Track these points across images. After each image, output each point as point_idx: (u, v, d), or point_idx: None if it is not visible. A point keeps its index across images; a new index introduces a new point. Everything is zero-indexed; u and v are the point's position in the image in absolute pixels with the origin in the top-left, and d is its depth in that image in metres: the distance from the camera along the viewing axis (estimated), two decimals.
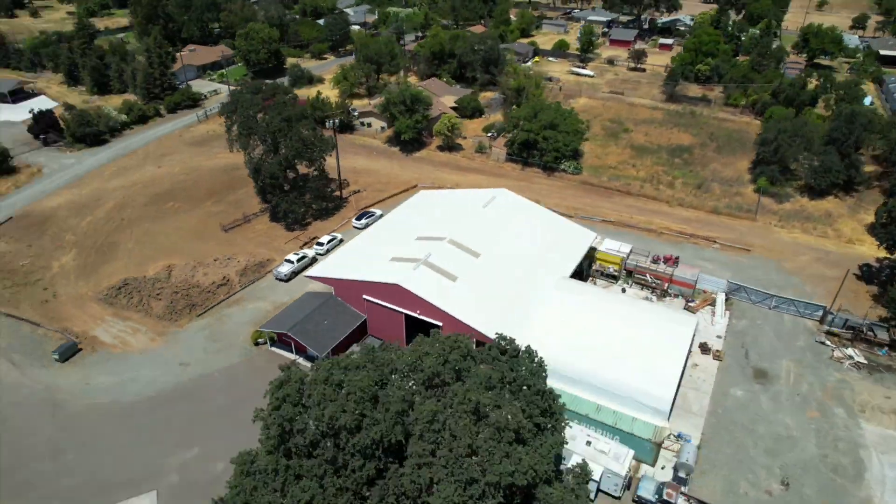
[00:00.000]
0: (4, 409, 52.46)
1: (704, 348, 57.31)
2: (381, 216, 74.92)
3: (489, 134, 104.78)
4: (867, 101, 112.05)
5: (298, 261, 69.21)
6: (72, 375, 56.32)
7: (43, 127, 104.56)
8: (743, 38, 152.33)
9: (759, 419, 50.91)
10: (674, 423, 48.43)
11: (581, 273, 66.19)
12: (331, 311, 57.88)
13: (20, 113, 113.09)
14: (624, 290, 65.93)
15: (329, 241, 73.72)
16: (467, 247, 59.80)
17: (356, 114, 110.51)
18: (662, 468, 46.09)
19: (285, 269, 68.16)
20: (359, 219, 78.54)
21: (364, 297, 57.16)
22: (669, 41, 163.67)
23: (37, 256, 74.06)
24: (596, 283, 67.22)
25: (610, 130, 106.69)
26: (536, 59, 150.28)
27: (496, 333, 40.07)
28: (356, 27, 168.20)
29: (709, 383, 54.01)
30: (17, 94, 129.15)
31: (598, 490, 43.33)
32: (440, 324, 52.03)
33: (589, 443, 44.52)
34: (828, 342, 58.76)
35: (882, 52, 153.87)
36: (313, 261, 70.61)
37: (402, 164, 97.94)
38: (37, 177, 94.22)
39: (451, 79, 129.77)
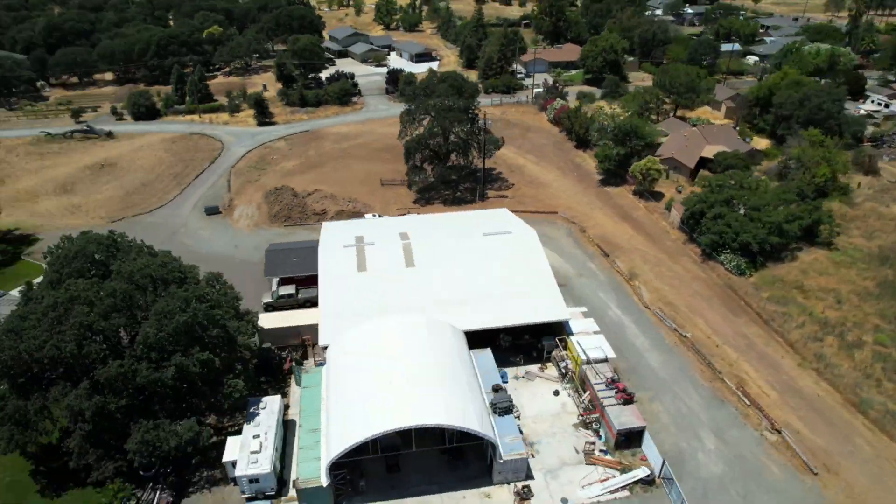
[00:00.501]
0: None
1: None
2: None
3: (677, 189, 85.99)
4: None
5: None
6: (203, 221, 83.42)
7: (390, 81, 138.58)
8: None
9: None
10: None
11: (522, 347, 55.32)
12: (306, 256, 66.51)
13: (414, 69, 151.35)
14: (556, 393, 51.84)
15: None
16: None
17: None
18: None
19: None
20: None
21: None
22: None
23: (284, 157, 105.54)
24: (526, 371, 54.15)
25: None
26: None
27: None
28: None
29: None
30: (422, 56, 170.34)
31: None
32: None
33: None
34: None
35: None
36: None
37: (578, 189, 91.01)
38: (353, 111, 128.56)
39: (746, 128, 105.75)
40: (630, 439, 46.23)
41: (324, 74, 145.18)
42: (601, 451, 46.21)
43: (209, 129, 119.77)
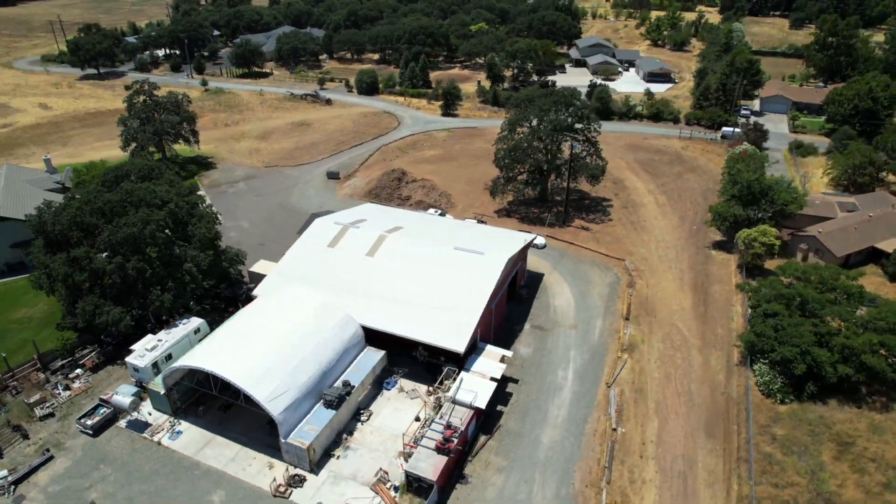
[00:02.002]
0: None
1: None
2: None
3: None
4: None
5: None
6: (321, 182, 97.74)
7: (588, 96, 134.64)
8: None
9: None
10: None
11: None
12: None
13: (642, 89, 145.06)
14: (418, 419, 49.47)
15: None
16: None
17: None
18: None
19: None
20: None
21: None
22: None
23: (432, 146, 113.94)
24: (414, 388, 51.73)
25: None
26: None
27: None
28: None
29: None
30: (656, 76, 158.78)
31: None
32: None
33: None
34: None
35: None
36: None
37: (676, 241, 77.83)
38: None
39: None
40: (421, 490, 42.62)
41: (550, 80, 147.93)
42: (395, 486, 43.74)
43: (400, 111, 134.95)
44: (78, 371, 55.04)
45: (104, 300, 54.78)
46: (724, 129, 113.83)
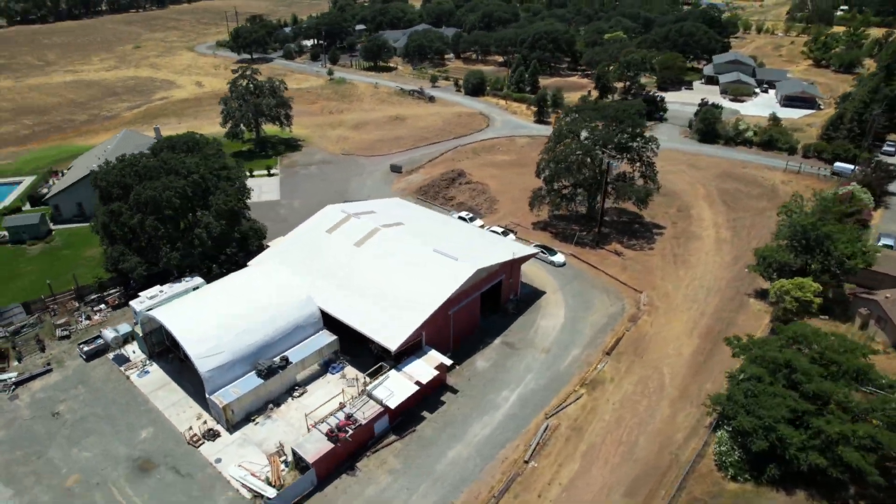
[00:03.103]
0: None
1: None
2: None
3: None
4: None
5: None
6: (384, 175, 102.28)
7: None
8: None
9: None
10: None
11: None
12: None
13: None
14: (342, 405, 50.96)
15: None
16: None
17: None
18: None
19: None
20: None
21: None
22: None
23: (508, 151, 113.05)
24: (357, 376, 52.75)
25: None
26: None
27: None
28: None
29: None
30: (793, 100, 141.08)
31: None
32: None
33: None
34: None
35: None
36: None
37: (719, 282, 69.72)
38: None
39: None
40: (304, 470, 44.28)
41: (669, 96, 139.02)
42: (286, 461, 45.92)
43: (495, 113, 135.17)
44: (102, 306, 64.80)
45: (129, 250, 63.75)
46: (837, 164, 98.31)
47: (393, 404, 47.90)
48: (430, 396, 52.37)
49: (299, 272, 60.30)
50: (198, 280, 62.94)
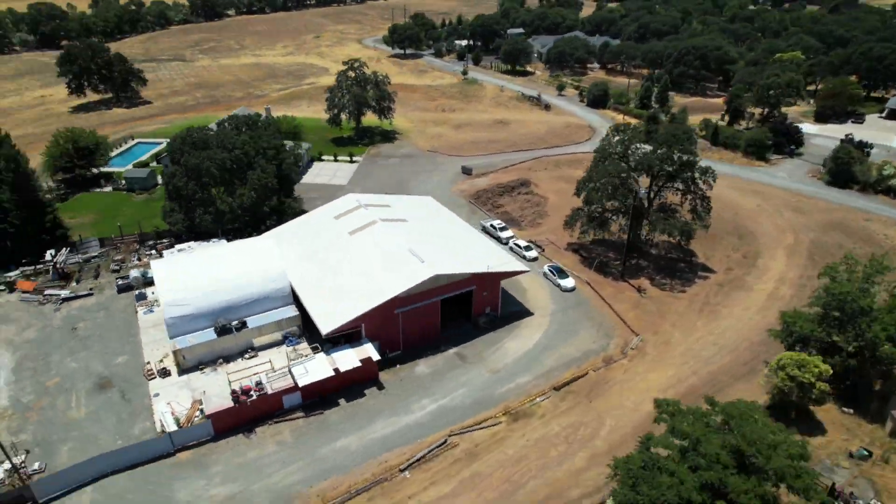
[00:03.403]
0: None
1: None
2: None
3: None
4: None
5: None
6: (454, 175, 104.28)
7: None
8: None
9: None
10: None
11: None
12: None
13: None
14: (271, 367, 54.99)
15: None
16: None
17: None
18: None
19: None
20: None
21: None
22: None
23: None
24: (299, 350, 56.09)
25: None
26: None
27: None
28: None
29: None
30: None
31: None
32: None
33: None
34: None
35: None
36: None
37: (745, 332, 60.67)
38: (750, 165, 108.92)
39: None
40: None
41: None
42: (201, 410, 51.13)
43: (605, 127, 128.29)
44: (152, 252, 76.71)
45: (178, 208, 74.63)
46: None
47: (302, 383, 50.78)
48: (356, 386, 54.18)
49: (292, 250, 65.68)
50: (221, 243, 71.53)
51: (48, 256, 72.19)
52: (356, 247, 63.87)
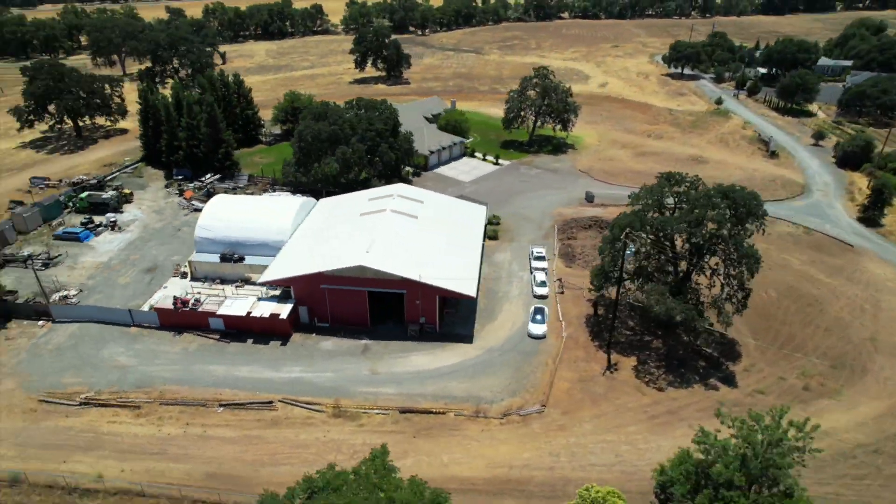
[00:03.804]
0: None
1: None
2: None
3: None
4: None
5: None
6: (574, 197, 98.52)
7: None
8: None
9: None
10: None
11: None
12: None
13: None
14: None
15: None
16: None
17: None
18: None
19: None
20: None
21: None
22: None
23: None
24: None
25: None
26: None
27: None
28: None
29: None
30: None
31: None
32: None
33: None
34: None
35: None
36: None
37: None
38: None
39: None
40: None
41: None
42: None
43: (837, 191, 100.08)
44: (272, 191, 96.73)
45: (294, 165, 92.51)
46: None
47: (218, 312, 62.01)
48: (271, 336, 62.63)
49: (321, 214, 76.46)
50: (298, 197, 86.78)
51: (207, 178, 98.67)
52: (351, 226, 70.70)
